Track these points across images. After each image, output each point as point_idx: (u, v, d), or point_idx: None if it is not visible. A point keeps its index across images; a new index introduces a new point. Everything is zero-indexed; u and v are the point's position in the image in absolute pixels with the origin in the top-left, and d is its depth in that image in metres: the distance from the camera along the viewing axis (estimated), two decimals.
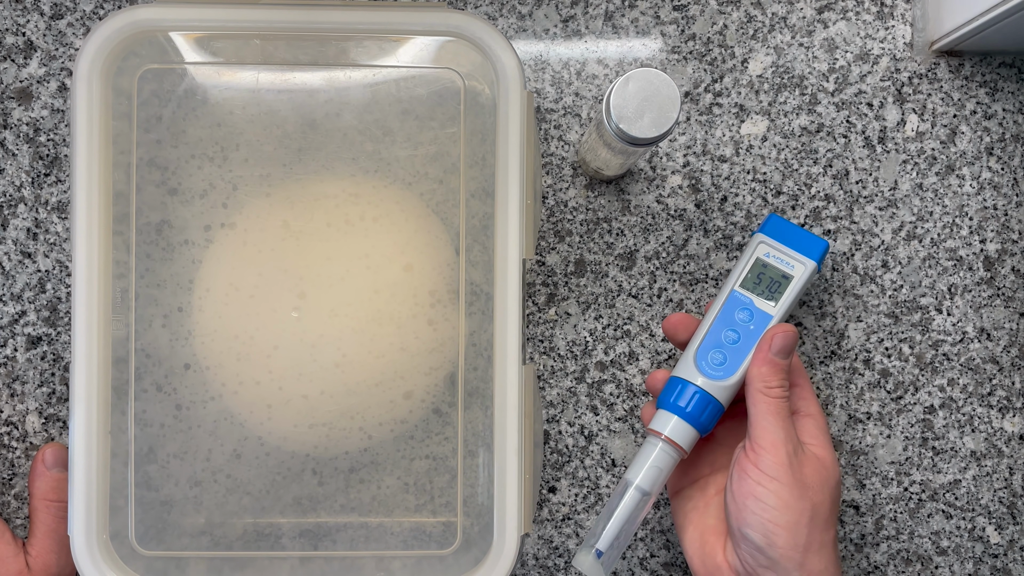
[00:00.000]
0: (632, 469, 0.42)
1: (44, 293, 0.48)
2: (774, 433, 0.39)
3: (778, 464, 0.39)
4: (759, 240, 0.44)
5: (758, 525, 0.39)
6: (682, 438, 0.41)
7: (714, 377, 0.42)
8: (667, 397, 0.42)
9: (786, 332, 0.41)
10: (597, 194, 0.49)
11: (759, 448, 0.40)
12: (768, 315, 0.43)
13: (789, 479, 0.39)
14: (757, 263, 0.44)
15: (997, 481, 0.49)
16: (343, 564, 0.43)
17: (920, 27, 0.50)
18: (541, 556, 0.49)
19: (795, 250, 0.44)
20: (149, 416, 0.42)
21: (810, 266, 0.44)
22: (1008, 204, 0.50)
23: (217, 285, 0.42)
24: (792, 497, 0.39)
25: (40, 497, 0.45)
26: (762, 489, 0.39)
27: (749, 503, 0.39)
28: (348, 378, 0.42)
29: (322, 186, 0.43)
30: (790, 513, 0.38)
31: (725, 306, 0.43)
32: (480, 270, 0.43)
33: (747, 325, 0.43)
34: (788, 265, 0.44)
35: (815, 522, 0.39)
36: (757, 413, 0.40)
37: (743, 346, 0.43)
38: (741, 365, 0.42)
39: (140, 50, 0.42)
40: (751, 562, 0.39)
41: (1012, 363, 0.50)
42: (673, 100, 0.38)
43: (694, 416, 0.42)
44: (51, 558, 0.44)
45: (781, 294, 0.43)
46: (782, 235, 0.44)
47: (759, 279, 0.44)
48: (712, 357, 0.43)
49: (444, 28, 0.41)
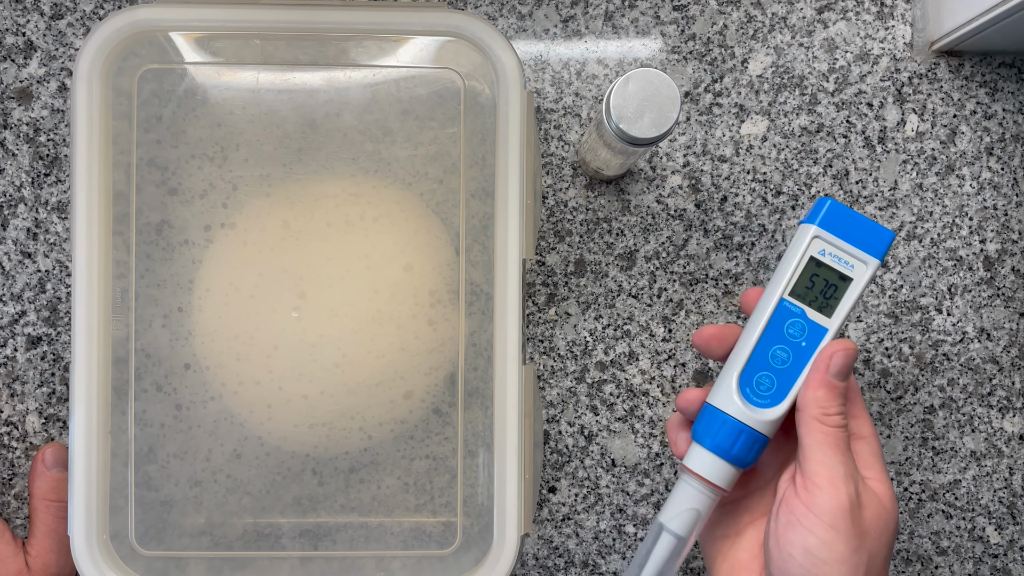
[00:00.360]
0: (666, 510, 0.37)
1: (44, 293, 0.48)
2: (832, 468, 0.34)
3: (837, 508, 0.33)
4: (812, 234, 0.36)
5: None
6: (722, 479, 0.36)
7: (761, 406, 0.36)
8: (705, 431, 0.36)
9: (847, 350, 0.35)
10: (597, 194, 0.49)
11: (813, 486, 0.34)
12: (823, 328, 0.36)
13: (847, 528, 0.33)
14: (811, 264, 0.36)
15: (997, 481, 0.49)
16: (343, 564, 0.43)
17: (920, 27, 0.50)
18: (541, 556, 0.49)
19: (856, 246, 0.36)
20: (149, 416, 0.42)
21: (873, 265, 0.36)
22: (1008, 204, 0.50)
23: (217, 285, 0.42)
24: (848, 550, 0.33)
25: (40, 497, 0.45)
26: (814, 540, 0.33)
27: (796, 554, 0.33)
28: (348, 378, 0.42)
29: (322, 186, 0.43)
30: (844, 568, 0.33)
31: (773, 318, 0.36)
32: (480, 270, 0.43)
33: (799, 342, 0.36)
34: (847, 265, 0.36)
35: (869, 575, 0.34)
36: (812, 444, 0.34)
37: (794, 368, 0.36)
38: (792, 390, 0.36)
39: (140, 50, 0.42)
40: None
41: (1012, 363, 0.50)
42: (673, 100, 0.38)
43: (737, 456, 0.36)
44: (50, 558, 0.44)
45: (838, 301, 0.36)
46: (840, 227, 0.36)
47: (812, 283, 0.36)
48: (759, 382, 0.36)
49: (444, 28, 0.41)
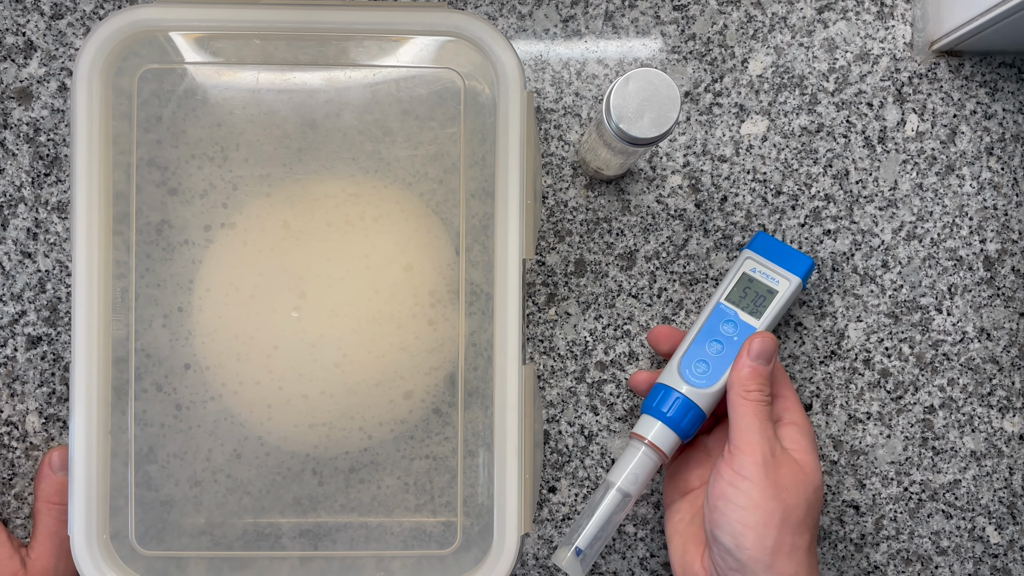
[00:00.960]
0: (614, 471, 0.43)
1: (44, 293, 0.48)
2: (750, 434, 0.40)
3: (752, 464, 0.39)
4: (746, 256, 0.46)
5: (727, 526, 0.39)
6: (663, 443, 0.43)
7: (697, 385, 0.43)
8: (651, 402, 0.44)
9: (764, 338, 0.42)
10: (597, 194, 0.49)
11: (735, 449, 0.40)
12: (752, 327, 0.44)
13: (761, 479, 0.39)
14: (743, 278, 0.45)
15: (997, 481, 0.49)
16: (343, 564, 0.43)
17: (920, 27, 0.50)
18: (541, 556, 0.49)
19: (781, 266, 0.45)
20: (149, 416, 0.42)
21: (795, 282, 0.45)
22: (1008, 204, 0.50)
23: (217, 285, 0.42)
24: (763, 497, 0.38)
25: (43, 499, 0.45)
26: (732, 489, 0.39)
27: (719, 504, 0.39)
28: (348, 378, 0.42)
29: (322, 186, 0.43)
30: (759, 513, 0.38)
31: (711, 318, 0.45)
32: (480, 270, 0.43)
33: (731, 337, 0.44)
34: (774, 280, 0.45)
35: (786, 524, 0.38)
36: (736, 416, 0.41)
37: (726, 356, 0.44)
38: (724, 374, 0.43)
39: (140, 50, 0.42)
40: (722, 565, 0.39)
41: (1012, 363, 0.50)
42: (673, 100, 0.38)
43: (675, 421, 0.43)
44: (50, 561, 0.44)
45: (765, 308, 0.45)
46: (769, 252, 0.46)
47: (744, 293, 0.45)
48: (696, 366, 0.44)
49: (444, 28, 0.41)
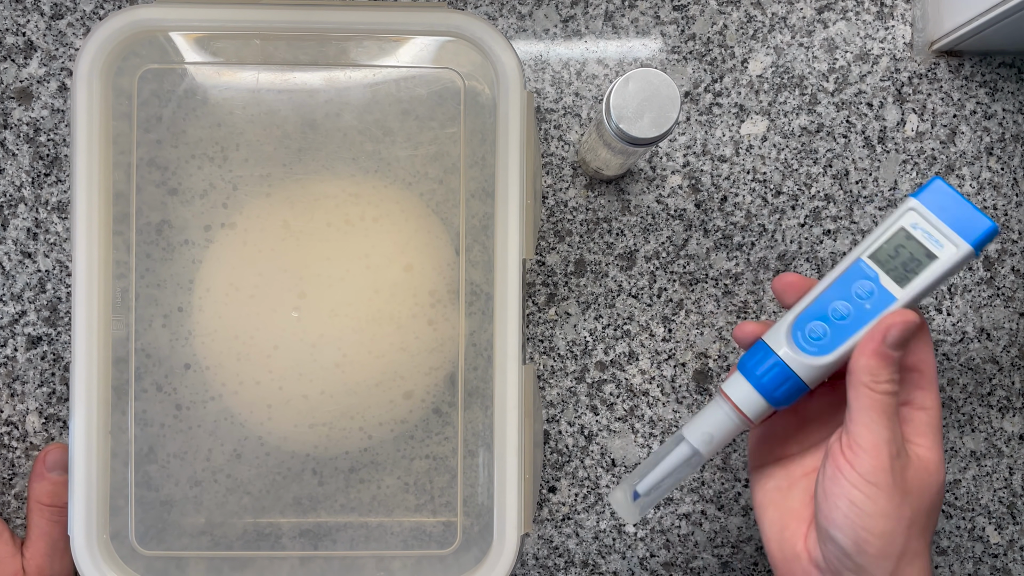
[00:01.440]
0: (692, 424, 0.39)
1: (44, 293, 0.48)
2: (876, 433, 0.35)
3: (878, 469, 0.35)
4: (909, 206, 0.37)
5: (849, 530, 0.35)
6: (751, 409, 0.38)
7: (806, 351, 0.37)
8: (747, 359, 0.38)
9: (906, 322, 0.35)
10: (597, 194, 0.49)
11: (857, 448, 0.35)
12: (892, 297, 0.36)
13: (888, 485, 0.35)
14: (899, 233, 0.37)
15: (997, 481, 0.49)
16: (343, 564, 0.43)
17: (920, 27, 0.50)
18: (541, 556, 0.49)
19: (951, 227, 0.36)
20: (149, 416, 0.42)
21: (964, 249, 0.36)
22: (1008, 204, 0.50)
23: (217, 285, 0.42)
24: (891, 505, 0.35)
25: (35, 500, 0.45)
26: (858, 493, 0.35)
27: (841, 504, 0.35)
28: (348, 378, 0.42)
29: (322, 186, 0.43)
30: (887, 522, 0.35)
31: (845, 274, 0.37)
32: (480, 270, 0.43)
33: (863, 303, 0.37)
34: (936, 243, 0.36)
35: (912, 530, 0.35)
36: (859, 408, 0.35)
37: (851, 325, 0.37)
38: (841, 346, 0.37)
39: (140, 50, 0.42)
40: (836, 564, 0.36)
41: (1012, 363, 0.50)
42: (673, 100, 0.38)
43: (769, 390, 0.37)
44: (44, 561, 0.44)
45: (916, 275, 0.36)
46: (941, 206, 0.36)
47: (896, 252, 0.37)
48: (811, 329, 0.37)
49: (444, 28, 0.41)
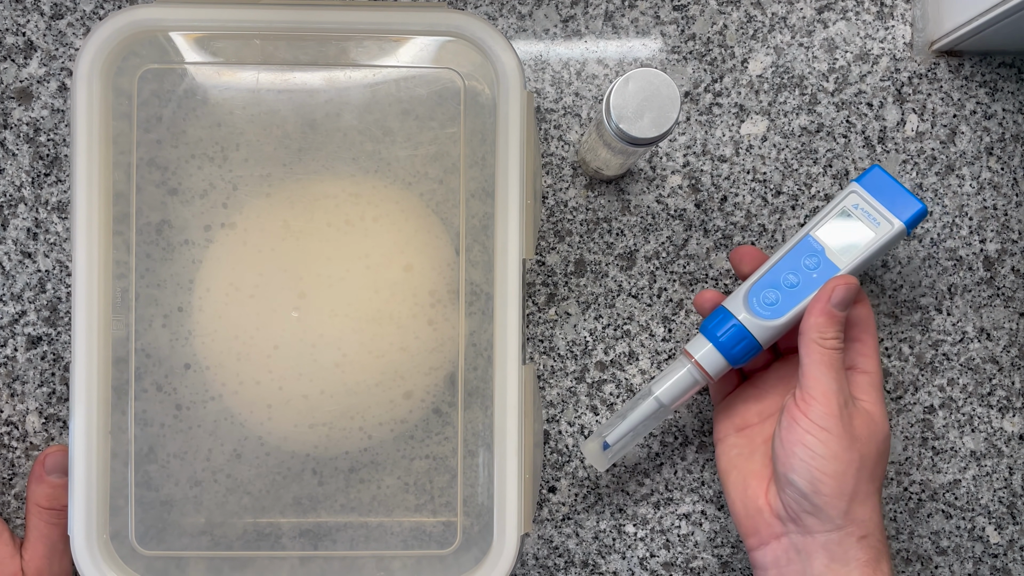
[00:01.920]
0: (657, 380, 0.43)
1: (44, 293, 0.48)
2: (826, 384, 0.39)
3: (828, 414, 0.39)
4: (851, 189, 0.43)
5: (805, 472, 0.39)
6: (710, 365, 0.42)
7: (761, 315, 0.42)
8: (708, 322, 0.43)
9: (848, 284, 0.40)
10: (597, 194, 0.49)
11: (809, 398, 0.40)
12: (836, 267, 0.42)
13: (839, 430, 0.39)
14: (842, 213, 0.42)
15: (997, 481, 0.49)
16: (343, 564, 0.43)
17: (920, 27, 0.50)
18: (541, 556, 0.49)
19: (887, 207, 0.42)
20: (149, 416, 0.42)
21: (896, 227, 0.42)
22: (1008, 204, 0.50)
23: (217, 285, 0.42)
24: (841, 447, 0.39)
25: (34, 503, 0.45)
26: (811, 438, 0.39)
27: (798, 450, 0.39)
28: (348, 378, 0.42)
29: (322, 186, 0.43)
30: (838, 463, 0.39)
31: (795, 248, 0.42)
32: (480, 270, 0.43)
33: (811, 272, 0.42)
34: (874, 221, 0.42)
35: (862, 473, 0.39)
36: (810, 363, 0.40)
37: (800, 291, 0.42)
38: (791, 310, 0.42)
39: (140, 50, 0.42)
40: (795, 507, 0.40)
41: (1012, 363, 0.50)
42: (673, 100, 0.38)
43: (727, 347, 0.42)
44: (43, 563, 0.44)
45: (856, 248, 0.42)
46: (878, 189, 0.42)
47: (840, 229, 0.42)
48: (765, 296, 0.42)
49: (444, 28, 0.41)
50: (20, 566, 0.44)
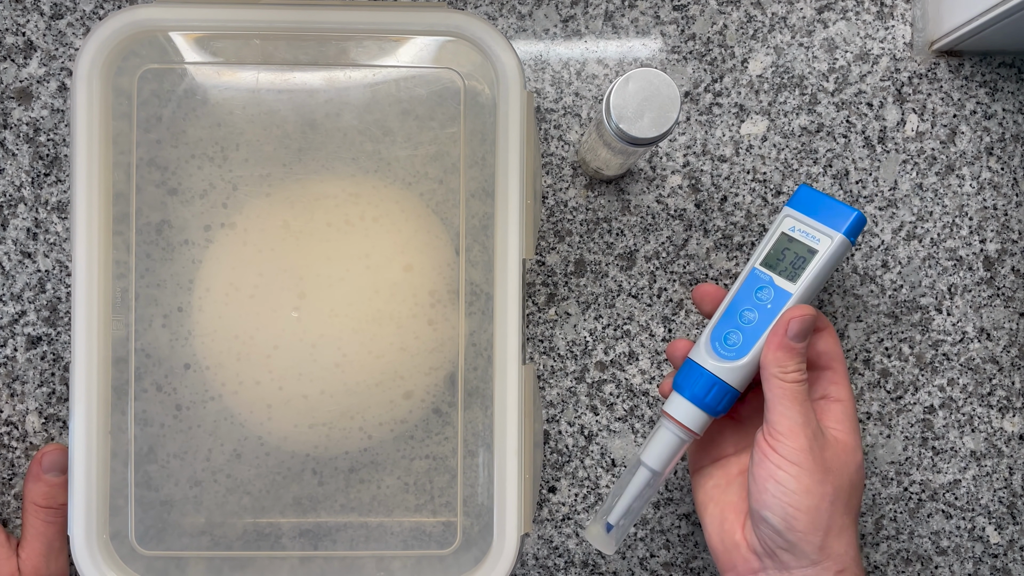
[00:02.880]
0: (645, 449, 0.42)
1: (44, 293, 0.48)
2: (791, 419, 0.39)
3: (797, 449, 0.38)
4: (786, 214, 0.42)
5: (778, 508, 0.38)
6: (694, 422, 0.41)
7: (727, 358, 0.41)
8: (681, 380, 0.42)
9: (803, 316, 0.39)
10: (597, 194, 0.49)
11: (776, 433, 0.39)
12: (788, 293, 0.41)
13: (809, 463, 0.38)
14: (782, 238, 0.41)
15: (997, 481, 0.49)
16: (343, 564, 0.43)
17: (920, 27, 0.50)
18: (541, 556, 0.49)
19: (823, 223, 0.41)
20: (149, 416, 0.42)
21: (837, 239, 0.40)
22: (1008, 204, 0.50)
23: (217, 285, 0.42)
24: (813, 481, 0.38)
25: (31, 501, 0.45)
26: (782, 473, 0.38)
27: (769, 486, 0.39)
28: (348, 378, 0.42)
29: (322, 186, 0.43)
30: (810, 497, 0.38)
31: (745, 284, 0.42)
32: (480, 270, 0.43)
33: (766, 304, 0.41)
34: (814, 239, 0.41)
35: (836, 506, 0.39)
36: (773, 398, 0.39)
37: (759, 326, 0.41)
38: (755, 346, 0.41)
39: (140, 50, 0.42)
40: (769, 543, 0.39)
41: (1012, 363, 0.50)
42: (673, 100, 0.38)
43: (704, 401, 0.41)
44: (40, 561, 0.44)
45: (803, 270, 0.41)
46: (811, 207, 0.41)
47: (783, 255, 0.41)
48: (727, 337, 0.41)
49: (444, 28, 0.41)
50: (17, 565, 0.44)
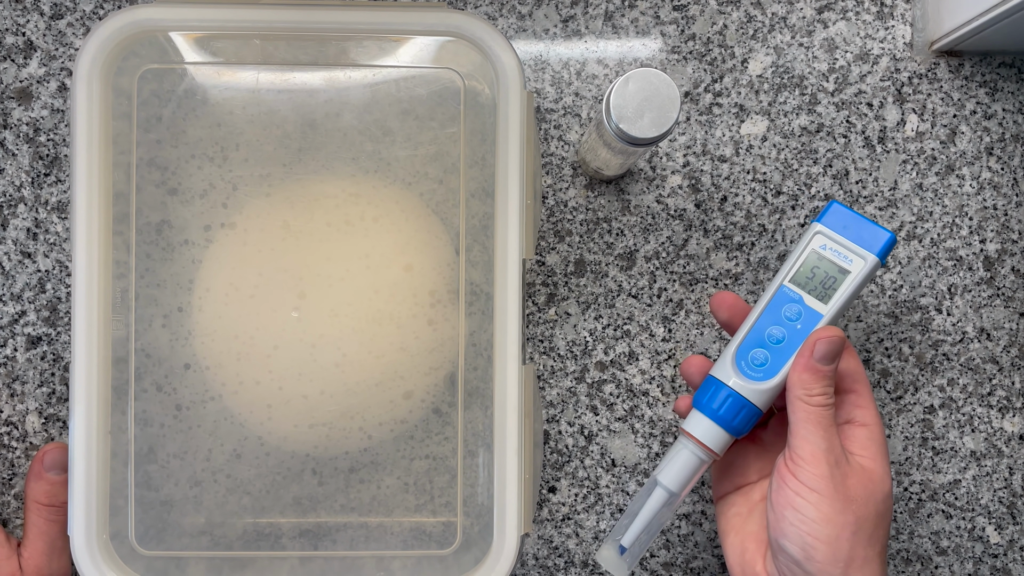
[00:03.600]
0: (662, 468, 0.41)
1: (44, 293, 0.48)
2: (814, 443, 0.37)
3: (818, 476, 0.37)
4: (816, 230, 0.41)
5: (796, 538, 0.37)
6: (714, 441, 0.40)
7: (753, 379, 0.40)
8: (701, 397, 0.41)
9: (831, 338, 0.38)
10: (597, 194, 0.49)
11: (798, 459, 0.38)
12: (818, 314, 0.40)
13: (830, 491, 0.37)
14: (812, 256, 0.40)
15: (997, 481, 0.49)
16: (343, 564, 0.43)
17: (920, 27, 0.50)
18: (541, 556, 0.49)
19: (855, 243, 0.40)
20: (149, 416, 0.42)
21: (871, 261, 0.40)
22: (1008, 204, 0.50)
23: (217, 285, 0.42)
24: (833, 511, 0.37)
25: (32, 500, 0.45)
26: (801, 501, 0.37)
27: (787, 514, 0.37)
28: (348, 378, 0.42)
29: (322, 186, 0.43)
30: (830, 527, 0.36)
31: (773, 301, 0.40)
32: (480, 270, 0.43)
33: (794, 324, 0.40)
34: (846, 259, 0.40)
35: (858, 537, 0.37)
36: (797, 421, 0.38)
37: (788, 346, 0.40)
38: (783, 367, 0.40)
39: (140, 50, 0.42)
40: (788, 574, 0.38)
41: (1012, 363, 0.50)
42: (673, 100, 0.38)
43: (727, 420, 0.40)
44: (42, 560, 0.44)
45: (835, 291, 0.40)
46: (843, 225, 0.40)
47: (812, 274, 0.40)
48: (753, 356, 0.40)
49: (444, 28, 0.41)
50: (19, 564, 0.44)
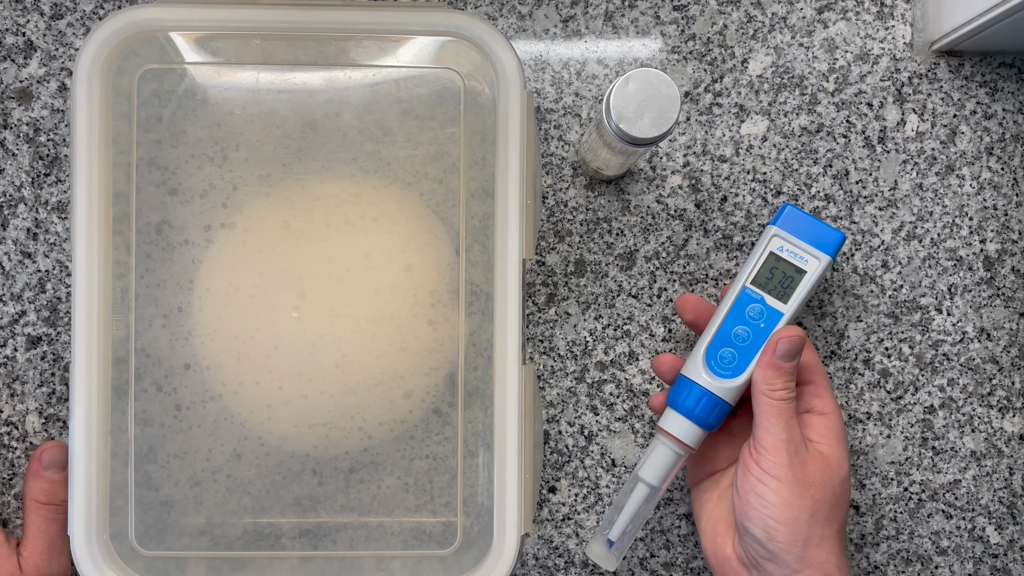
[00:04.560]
0: (642, 464, 0.44)
1: (44, 293, 0.48)
2: (775, 435, 0.41)
3: (778, 464, 0.40)
4: (772, 233, 0.44)
5: (759, 520, 0.40)
6: (689, 437, 0.43)
7: (723, 376, 0.43)
8: (675, 396, 0.43)
9: (791, 337, 0.41)
10: (597, 194, 0.49)
11: (761, 448, 0.41)
12: (779, 313, 0.43)
13: (789, 478, 0.40)
14: (770, 258, 0.43)
15: (997, 481, 0.49)
16: (343, 564, 0.43)
17: (920, 27, 0.50)
18: (541, 556, 0.49)
19: (809, 243, 0.43)
20: (149, 416, 0.42)
21: (824, 261, 0.43)
22: (1008, 204, 0.50)
23: (217, 285, 0.42)
24: (792, 495, 0.40)
25: (31, 498, 0.45)
26: (763, 487, 0.40)
27: (751, 499, 0.41)
28: (348, 378, 0.42)
29: (322, 186, 0.43)
30: (790, 510, 0.40)
31: (736, 303, 0.43)
32: (480, 270, 0.43)
33: (758, 323, 0.43)
34: (802, 260, 0.43)
35: (816, 518, 0.40)
36: (760, 413, 0.41)
37: (752, 345, 0.43)
38: (750, 364, 0.43)
39: (140, 50, 0.42)
40: (754, 555, 0.41)
41: (1012, 363, 0.50)
42: (673, 100, 0.38)
43: (701, 417, 0.43)
44: (42, 559, 0.44)
45: (793, 291, 0.43)
46: (797, 227, 0.43)
47: (771, 274, 0.43)
48: (722, 355, 0.43)
49: (444, 28, 0.41)
50: (18, 564, 0.44)
